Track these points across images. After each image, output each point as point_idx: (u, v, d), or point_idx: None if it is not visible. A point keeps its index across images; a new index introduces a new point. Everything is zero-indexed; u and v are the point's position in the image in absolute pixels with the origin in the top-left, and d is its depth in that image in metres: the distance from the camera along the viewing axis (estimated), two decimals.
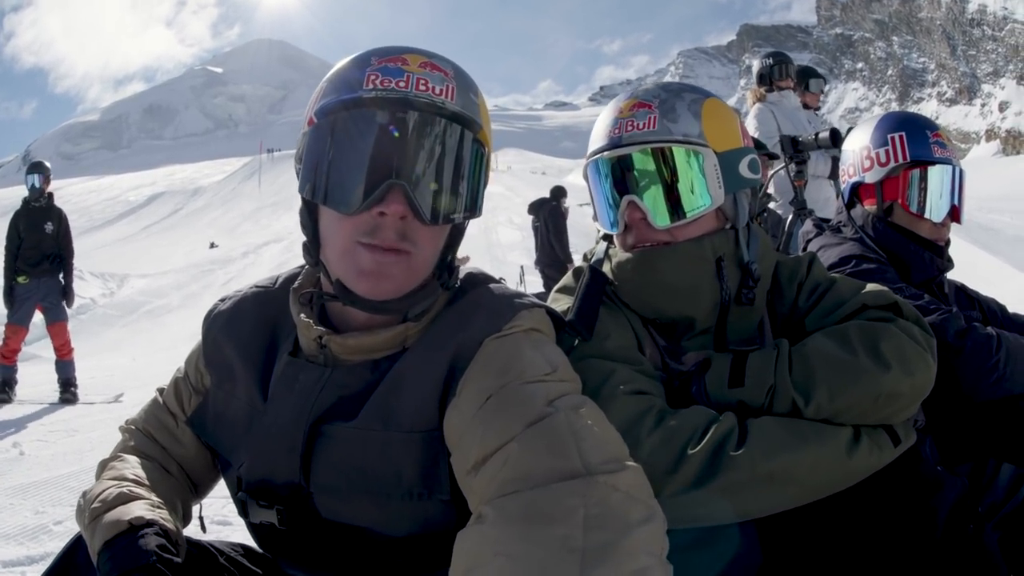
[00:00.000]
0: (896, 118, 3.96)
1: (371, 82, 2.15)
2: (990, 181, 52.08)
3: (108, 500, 2.24)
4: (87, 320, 26.90)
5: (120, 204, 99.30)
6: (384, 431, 2.15)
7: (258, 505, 2.26)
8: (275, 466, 2.24)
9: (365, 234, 2.12)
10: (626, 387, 2.45)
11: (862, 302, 2.70)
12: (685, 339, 2.79)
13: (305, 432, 2.20)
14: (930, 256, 3.79)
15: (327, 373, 2.25)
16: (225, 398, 2.48)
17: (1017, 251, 24.24)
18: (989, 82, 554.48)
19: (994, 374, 3.23)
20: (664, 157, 2.74)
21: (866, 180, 3.97)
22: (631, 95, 2.87)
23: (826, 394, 2.39)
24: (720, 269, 2.75)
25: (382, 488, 2.14)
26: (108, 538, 2.12)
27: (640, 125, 2.75)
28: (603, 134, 2.83)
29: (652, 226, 2.76)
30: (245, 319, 2.52)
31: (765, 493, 2.27)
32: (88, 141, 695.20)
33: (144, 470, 2.46)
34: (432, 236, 2.21)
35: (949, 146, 3.87)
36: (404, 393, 2.17)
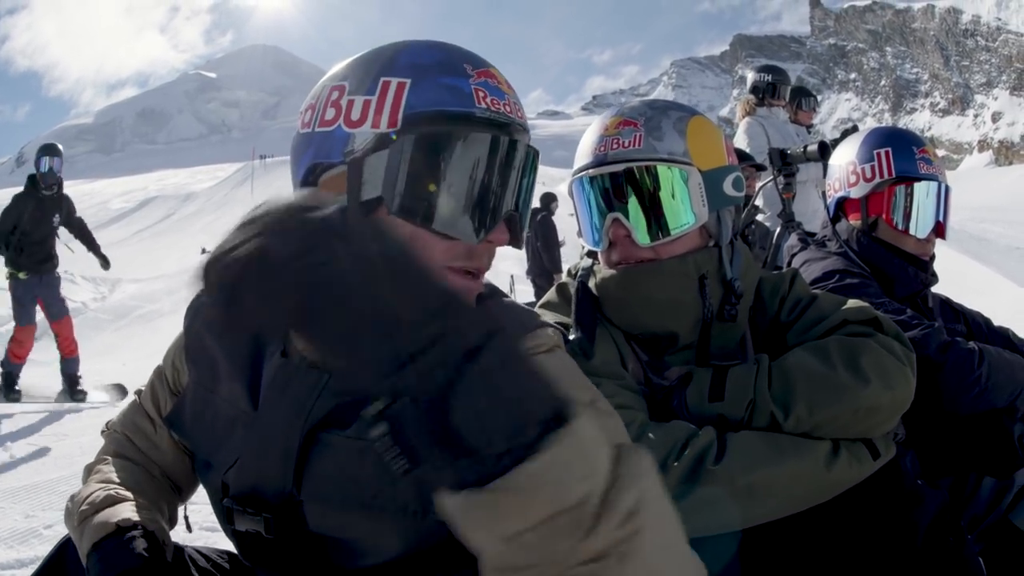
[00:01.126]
0: (883, 133, 3.99)
1: (481, 100, 2.05)
2: (982, 192, 52.21)
3: (96, 503, 2.26)
4: (78, 324, 26.61)
5: (112, 208, 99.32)
6: None
7: (245, 513, 2.17)
8: (267, 474, 2.14)
9: (459, 258, 2.04)
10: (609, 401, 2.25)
11: (843, 317, 2.76)
12: (668, 354, 2.83)
13: (300, 439, 2.08)
14: (914, 271, 3.82)
15: (324, 378, 2.10)
16: (205, 396, 2.36)
17: (1009, 261, 24.34)
18: (982, 93, 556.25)
19: (976, 388, 3.22)
20: (649, 175, 2.78)
21: (851, 195, 4.00)
22: (617, 112, 2.89)
23: (805, 408, 2.45)
24: (703, 286, 2.78)
25: (376, 502, 2.03)
26: (96, 540, 2.16)
27: (625, 143, 2.79)
28: (588, 151, 2.85)
29: (636, 243, 2.80)
30: None
31: (745, 505, 2.32)
32: (81, 144, 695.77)
33: (128, 472, 2.48)
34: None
35: (936, 162, 3.91)
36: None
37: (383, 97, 2.01)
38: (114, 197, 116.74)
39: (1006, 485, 3.09)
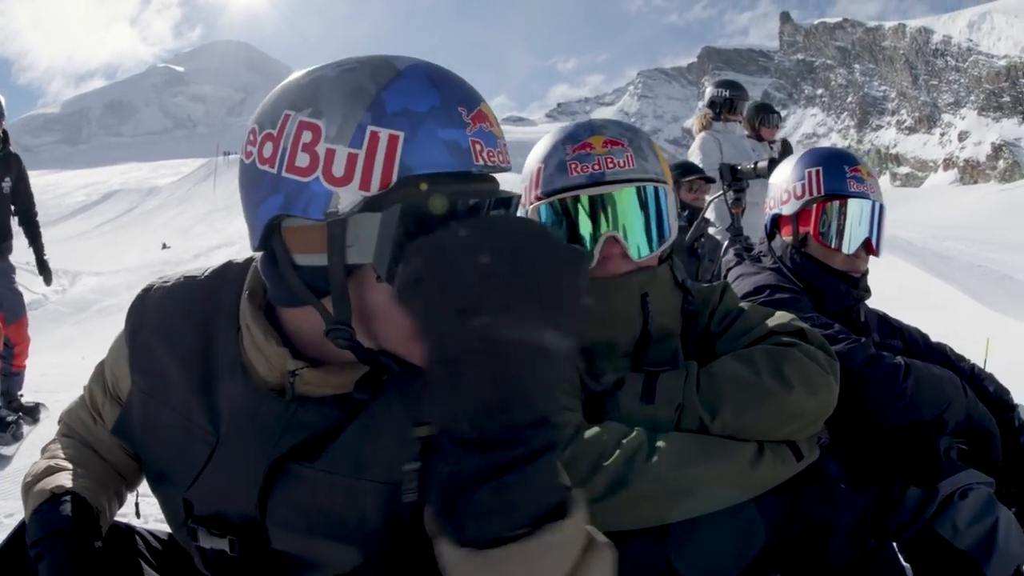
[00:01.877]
0: (817, 153, 4.14)
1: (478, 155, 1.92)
2: (947, 210, 52.83)
3: (38, 473, 2.40)
4: (39, 316, 26.70)
5: (76, 200, 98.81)
6: (352, 478, 2.05)
7: (209, 533, 2.22)
8: (232, 501, 2.18)
9: None
10: None
11: (769, 328, 2.91)
12: (605, 362, 2.90)
13: (265, 470, 2.11)
14: (845, 287, 3.96)
15: (292, 409, 2.12)
16: (156, 407, 2.34)
17: (970, 279, 24.61)
18: (950, 112, 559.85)
19: (901, 401, 3.34)
20: (642, 194, 2.91)
21: (783, 212, 4.15)
22: (593, 132, 2.98)
23: (731, 412, 2.58)
24: (644, 303, 2.91)
25: (342, 532, 2.07)
26: (35, 506, 2.27)
27: (620, 163, 2.89)
28: (572, 170, 2.91)
29: (628, 259, 2.92)
30: (178, 318, 2.35)
31: (674, 501, 2.43)
32: (48, 134, 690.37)
33: (76, 450, 2.57)
34: None
35: (868, 181, 4.03)
36: (380, 441, 2.06)
37: (372, 153, 1.83)
38: (77, 189, 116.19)
39: (930, 495, 3.19)
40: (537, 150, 3.08)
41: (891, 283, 21.20)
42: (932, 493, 3.18)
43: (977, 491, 3.16)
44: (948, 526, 3.11)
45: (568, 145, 2.95)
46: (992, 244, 35.31)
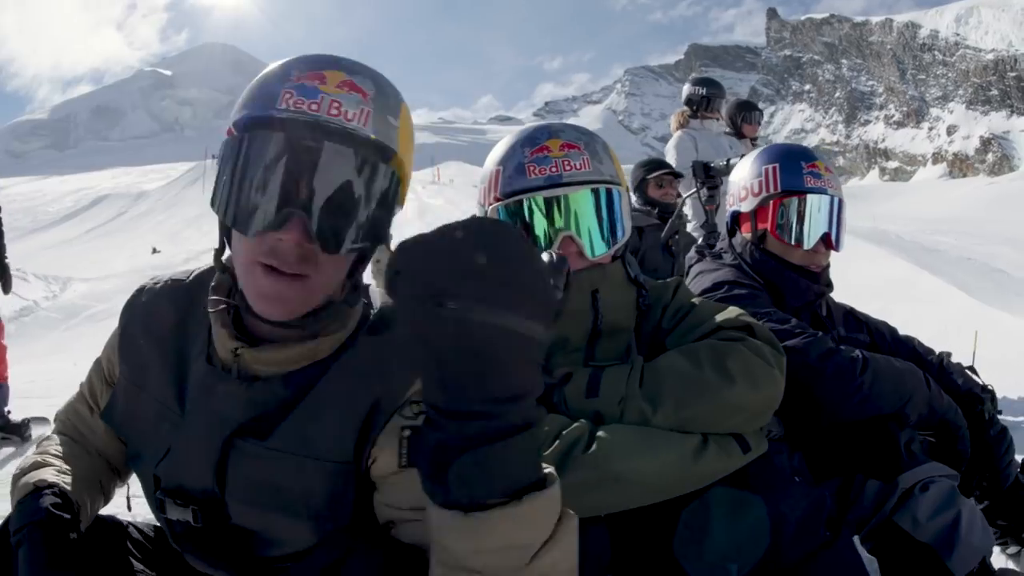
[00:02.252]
0: (775, 150, 4.19)
1: (285, 101, 2.18)
2: (935, 204, 52.77)
3: (26, 467, 2.55)
4: (29, 323, 26.65)
5: (65, 206, 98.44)
6: (298, 455, 2.26)
7: (175, 504, 2.40)
8: (191, 474, 2.37)
9: (265, 254, 2.16)
10: None
11: (717, 323, 2.99)
12: (558, 356, 3.00)
13: (219, 446, 2.31)
14: (805, 283, 3.98)
15: (242, 388, 2.34)
16: (136, 393, 2.56)
17: (960, 272, 24.58)
18: (938, 106, 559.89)
19: (857, 395, 3.38)
20: (598, 196, 3.02)
21: (742, 209, 4.19)
22: (551, 135, 3.07)
23: (672, 404, 2.67)
24: (595, 299, 3.01)
25: (291, 507, 2.26)
26: (19, 498, 2.40)
27: (577, 165, 3.00)
28: (530, 172, 3.00)
29: (584, 257, 3.02)
30: (162, 314, 2.59)
31: (612, 492, 2.53)
32: (36, 140, 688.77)
33: (67, 447, 2.73)
34: (335, 260, 2.24)
35: (826, 176, 4.06)
36: (323, 422, 2.26)
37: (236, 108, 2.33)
38: (66, 195, 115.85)
39: (890, 487, 3.20)
40: (494, 153, 3.16)
41: (880, 277, 21.21)
42: (892, 485, 3.20)
43: (939, 484, 3.18)
44: (908, 518, 3.13)
45: (526, 148, 3.04)
46: (981, 237, 35.34)
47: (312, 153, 2.12)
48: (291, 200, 2.11)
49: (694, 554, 2.60)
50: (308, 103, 2.16)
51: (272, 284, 2.17)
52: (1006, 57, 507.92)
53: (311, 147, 2.12)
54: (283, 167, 2.12)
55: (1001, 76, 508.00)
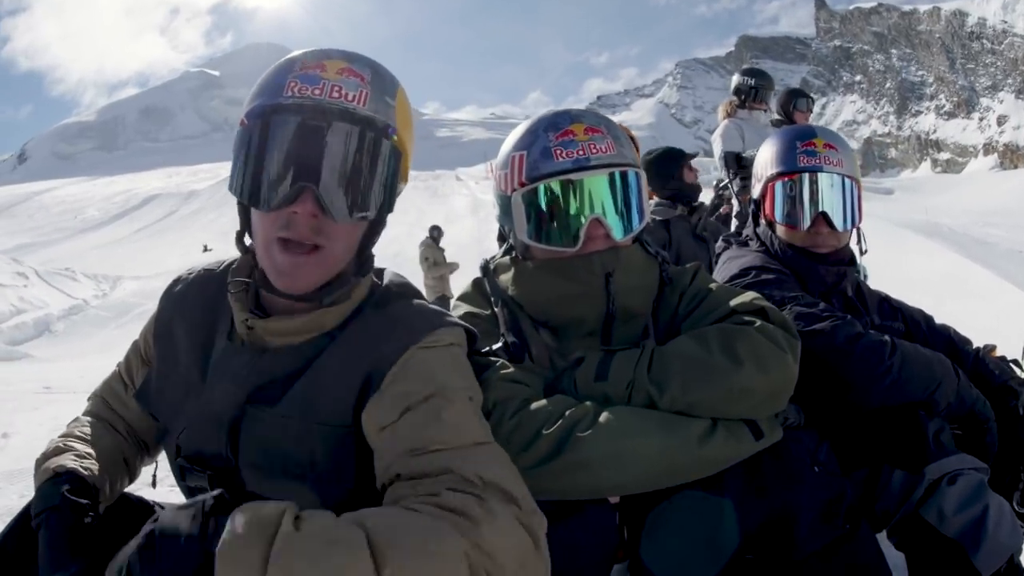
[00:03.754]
0: (778, 133, 4.11)
1: (290, 89, 2.37)
2: (987, 195, 52.36)
3: (47, 452, 2.59)
4: (79, 321, 26.94)
5: (114, 206, 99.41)
6: (302, 420, 2.40)
7: (193, 471, 2.53)
8: (207, 440, 2.50)
9: (281, 228, 2.35)
10: (503, 374, 2.75)
11: (731, 308, 2.94)
12: (574, 339, 3.02)
13: (232, 413, 2.46)
14: (824, 268, 3.90)
15: (254, 358, 2.52)
16: (167, 372, 2.72)
17: (1011, 265, 24.32)
18: (987, 96, 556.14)
19: (887, 378, 3.26)
20: (624, 179, 3.01)
21: (755, 196, 4.14)
22: (572, 120, 3.06)
23: (679, 387, 2.62)
24: (608, 282, 2.96)
25: (298, 471, 2.39)
26: (40, 483, 2.45)
27: (603, 148, 2.97)
28: (556, 155, 2.98)
29: (611, 239, 2.99)
30: (195, 300, 2.79)
31: (612, 472, 2.49)
32: (84, 141, 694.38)
33: (91, 428, 2.81)
34: (346, 231, 2.44)
35: (825, 152, 3.90)
36: (324, 387, 2.42)
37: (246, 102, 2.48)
38: (116, 195, 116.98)
39: (916, 479, 3.09)
40: (512, 140, 3.14)
41: (931, 270, 21.04)
42: (918, 477, 3.09)
43: (967, 477, 3.06)
44: (934, 512, 3.02)
45: (551, 132, 3.02)
46: None
47: (318, 132, 2.32)
48: (301, 175, 2.31)
49: (658, 557, 2.59)
50: (312, 89, 2.36)
51: (290, 259, 2.38)
52: None
53: (316, 126, 2.32)
54: (292, 147, 2.32)
55: None
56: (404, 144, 2.54)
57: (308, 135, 2.33)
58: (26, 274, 31.96)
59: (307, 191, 2.31)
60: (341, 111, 2.37)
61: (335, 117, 2.35)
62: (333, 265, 2.46)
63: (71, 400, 10.19)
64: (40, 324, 25.90)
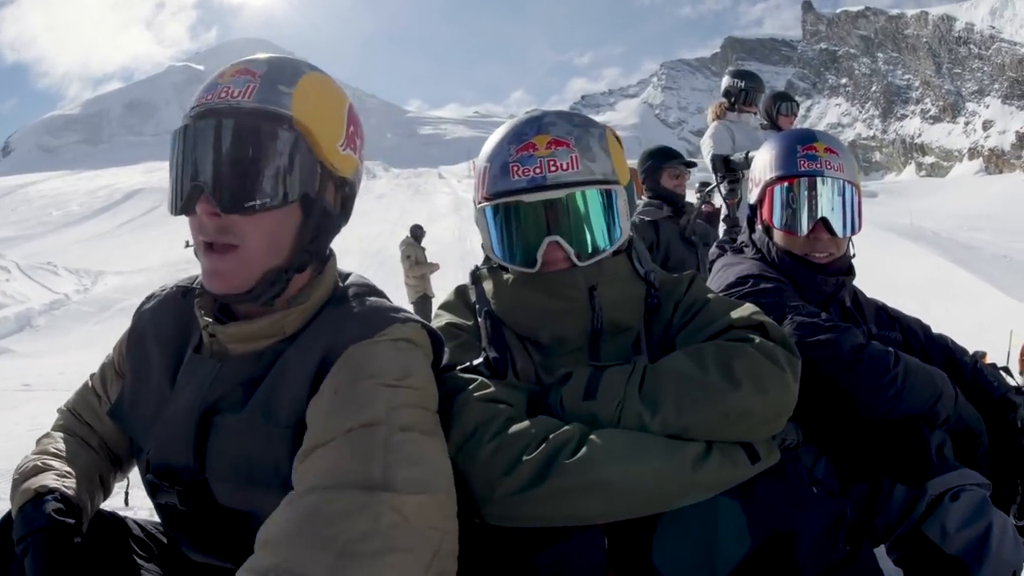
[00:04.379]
0: (778, 136, 4.03)
1: (197, 101, 2.47)
2: (972, 200, 52.65)
3: (26, 472, 2.58)
4: (60, 316, 26.88)
5: (98, 200, 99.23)
6: (264, 424, 2.40)
7: (162, 486, 2.53)
8: (174, 452, 2.51)
9: (198, 232, 2.44)
10: (480, 395, 2.61)
11: (728, 322, 2.82)
12: (560, 356, 2.91)
13: (196, 422, 2.46)
14: (821, 277, 3.83)
15: (218, 366, 2.54)
16: (140, 388, 2.75)
17: (996, 270, 24.46)
18: (974, 101, 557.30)
19: (891, 389, 3.22)
20: (588, 199, 2.85)
21: (751, 201, 4.05)
22: (539, 130, 2.92)
23: (673, 409, 2.50)
24: (592, 296, 2.86)
25: (264, 478, 2.37)
26: (20, 504, 2.44)
27: (563, 165, 2.82)
28: (513, 172, 2.86)
29: (570, 261, 2.85)
30: (167, 317, 2.82)
31: (600, 499, 2.37)
32: (69, 135, 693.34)
33: (66, 444, 2.81)
34: (257, 225, 2.42)
35: (826, 157, 3.81)
36: (282, 389, 2.43)
37: None
38: (100, 189, 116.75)
39: (918, 494, 3.04)
40: (486, 146, 3.03)
41: (916, 274, 21.11)
42: (920, 492, 3.04)
43: (970, 493, 3.01)
44: (936, 529, 2.97)
45: (513, 145, 2.89)
46: (1018, 234, 35.11)
47: (202, 132, 2.39)
48: (193, 176, 2.38)
49: (669, 561, 2.46)
50: (207, 96, 2.46)
51: (211, 261, 2.44)
52: None
53: (202, 127, 2.39)
54: (185, 152, 2.40)
55: None
56: (308, 126, 2.49)
57: (195, 138, 2.39)
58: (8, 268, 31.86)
59: (198, 192, 2.37)
60: (225, 108, 2.42)
61: (221, 115, 2.41)
62: (254, 262, 2.45)
63: (50, 398, 10.11)
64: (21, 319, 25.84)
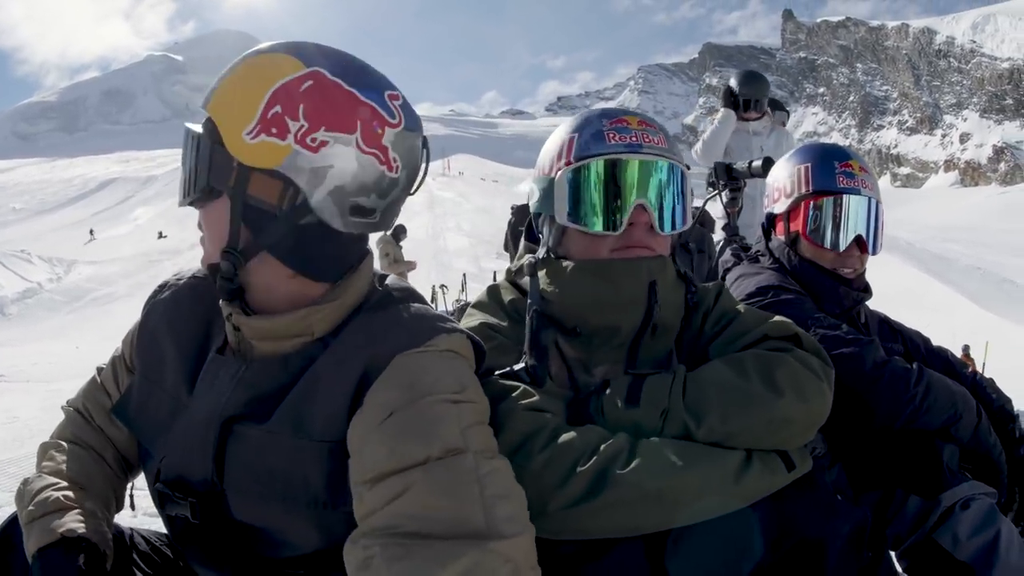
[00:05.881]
0: (808, 149, 3.98)
1: None
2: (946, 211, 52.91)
3: (46, 504, 2.33)
4: (33, 304, 26.74)
5: (73, 188, 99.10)
6: (294, 437, 2.19)
7: (173, 498, 2.29)
8: (190, 462, 2.29)
9: None
10: (525, 403, 2.50)
11: (763, 332, 2.77)
12: (601, 350, 2.83)
13: (216, 431, 2.25)
14: (844, 289, 3.79)
15: (241, 369, 2.30)
16: (150, 388, 2.48)
17: (969, 281, 24.60)
18: (952, 113, 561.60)
19: (910, 407, 3.19)
20: (674, 172, 2.84)
21: (775, 211, 4.00)
22: (628, 112, 2.92)
23: (718, 417, 2.43)
24: (652, 291, 2.79)
25: (290, 493, 2.19)
26: (41, 545, 2.23)
27: (657, 140, 2.84)
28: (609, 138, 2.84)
29: (653, 231, 2.82)
30: (183, 311, 2.55)
31: (652, 511, 2.32)
32: (45, 122, 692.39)
33: (80, 463, 2.53)
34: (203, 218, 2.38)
35: (860, 176, 3.78)
36: (317, 401, 2.22)
37: None
38: (75, 177, 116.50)
39: (932, 505, 3.03)
40: (565, 127, 3.00)
41: (889, 284, 21.16)
42: (934, 503, 3.02)
43: (979, 502, 3.01)
44: (948, 537, 2.96)
45: (604, 119, 2.88)
46: (992, 247, 35.31)
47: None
48: None
49: (681, 566, 2.48)
50: None
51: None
52: (1022, 66, 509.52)
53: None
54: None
55: (1016, 85, 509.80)
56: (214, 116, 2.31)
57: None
58: None
59: None
60: None
61: None
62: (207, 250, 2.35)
63: (25, 390, 10.04)
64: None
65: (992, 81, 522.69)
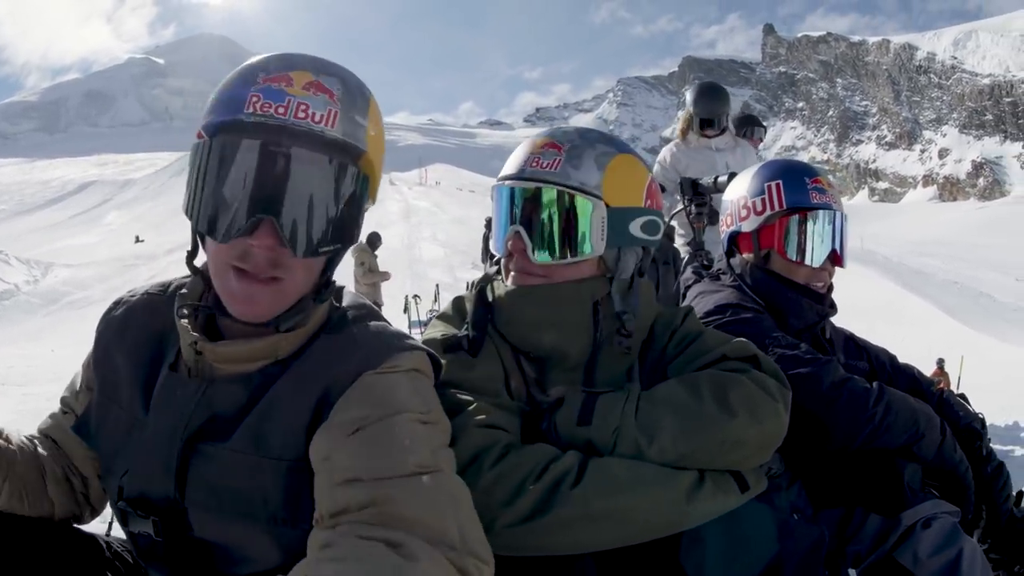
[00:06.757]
0: (774, 166, 3.98)
1: (252, 105, 2.14)
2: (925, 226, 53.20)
3: None
4: (10, 306, 26.67)
5: (51, 190, 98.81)
6: (255, 455, 2.20)
7: (136, 515, 2.30)
8: (152, 480, 2.29)
9: (237, 258, 2.16)
10: (479, 420, 2.52)
11: (722, 352, 2.81)
12: (555, 372, 2.86)
13: (179, 449, 2.24)
14: (809, 303, 3.79)
15: (202, 388, 2.28)
16: (107, 405, 2.47)
17: (947, 296, 24.74)
18: (931, 129, 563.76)
19: (869, 426, 3.22)
20: (553, 200, 2.84)
21: (743, 229, 3.97)
22: (549, 133, 2.97)
23: (669, 437, 2.47)
24: (596, 312, 2.85)
25: (250, 511, 2.21)
26: None
27: (544, 164, 2.85)
28: (514, 163, 2.92)
29: (529, 259, 2.85)
30: (136, 328, 2.51)
31: (599, 529, 2.35)
32: (26, 122, 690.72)
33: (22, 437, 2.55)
34: (307, 263, 2.23)
35: (830, 191, 3.88)
36: (276, 419, 2.22)
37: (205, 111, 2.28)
38: (54, 179, 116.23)
39: (893, 524, 3.05)
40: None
41: (867, 298, 21.27)
42: (894, 522, 3.06)
43: (941, 521, 3.03)
44: (909, 555, 2.98)
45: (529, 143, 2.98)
46: (969, 261, 35.55)
47: (280, 158, 2.10)
48: (260, 206, 2.10)
49: (696, 563, 2.42)
50: (275, 107, 2.12)
51: (245, 287, 2.17)
52: (1002, 82, 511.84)
53: (279, 152, 2.10)
54: (252, 172, 2.10)
55: (996, 101, 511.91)
56: (373, 165, 2.33)
57: (269, 161, 2.10)
58: None
59: (266, 223, 2.11)
60: (307, 134, 2.13)
61: (300, 142, 2.12)
62: (292, 295, 2.24)
63: (2, 393, 9.97)
64: None
65: (972, 97, 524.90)
